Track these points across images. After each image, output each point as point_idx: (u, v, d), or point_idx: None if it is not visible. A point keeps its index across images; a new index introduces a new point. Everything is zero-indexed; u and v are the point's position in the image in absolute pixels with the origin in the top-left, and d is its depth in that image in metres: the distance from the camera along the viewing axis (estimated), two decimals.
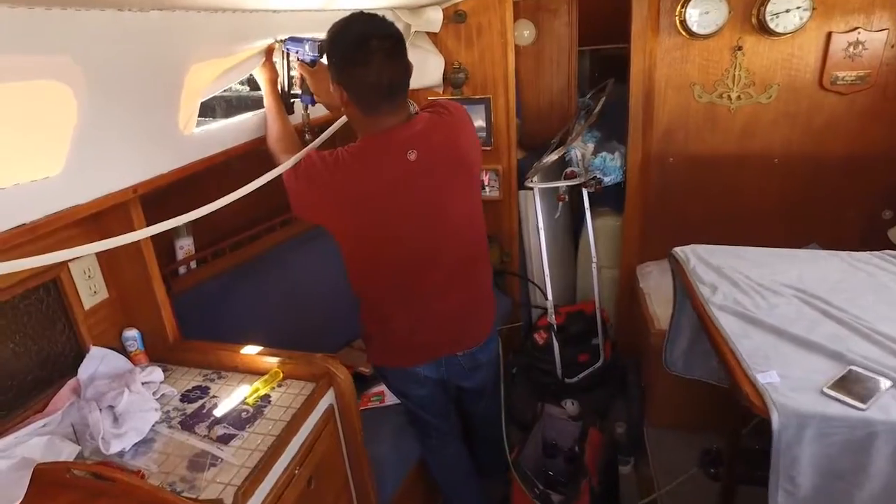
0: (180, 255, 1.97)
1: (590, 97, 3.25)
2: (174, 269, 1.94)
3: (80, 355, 1.46)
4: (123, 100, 1.28)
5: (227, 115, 1.57)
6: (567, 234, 3.45)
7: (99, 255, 1.50)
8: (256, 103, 1.96)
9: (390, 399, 2.15)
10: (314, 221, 1.62)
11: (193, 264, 2.02)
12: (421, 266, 1.59)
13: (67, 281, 1.41)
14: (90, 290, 1.48)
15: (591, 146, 2.80)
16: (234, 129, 1.68)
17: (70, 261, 1.41)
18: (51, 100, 1.13)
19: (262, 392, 1.43)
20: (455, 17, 2.58)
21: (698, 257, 1.94)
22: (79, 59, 1.14)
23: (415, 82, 2.63)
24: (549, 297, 2.82)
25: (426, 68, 2.59)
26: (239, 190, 1.42)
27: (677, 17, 2.41)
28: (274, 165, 1.61)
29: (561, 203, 2.71)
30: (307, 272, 2.34)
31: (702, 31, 2.35)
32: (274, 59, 1.74)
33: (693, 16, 2.33)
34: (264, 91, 1.74)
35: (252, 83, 2.30)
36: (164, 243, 1.97)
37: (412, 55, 1.64)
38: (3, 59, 0.99)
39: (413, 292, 1.64)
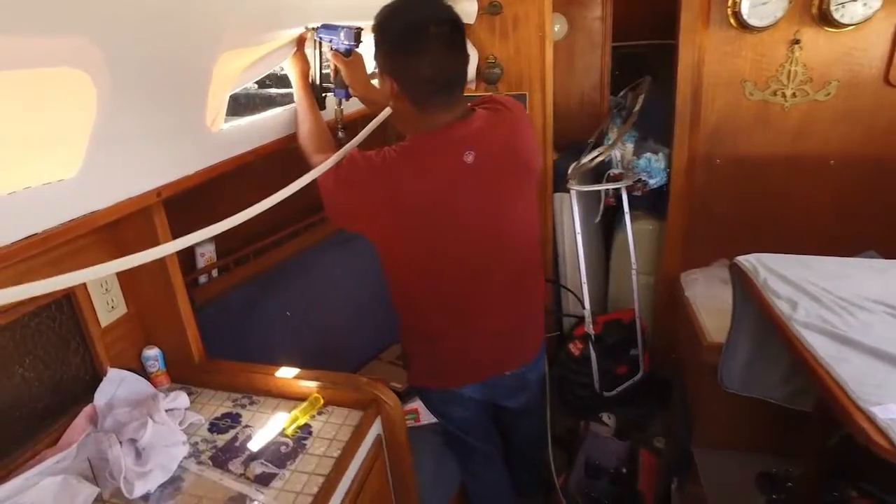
0: (201, 262, 1.81)
1: (622, 95, 3.10)
2: (195, 278, 1.79)
3: (96, 378, 1.30)
4: (147, 90, 1.12)
5: (235, 113, 1.41)
6: (598, 239, 3.29)
7: None
8: (265, 101, 1.81)
9: (426, 417, 1.99)
10: (353, 229, 1.44)
11: (215, 272, 1.86)
12: (474, 280, 1.44)
13: (83, 296, 1.26)
14: (107, 306, 1.32)
15: (630, 146, 2.64)
16: (264, 126, 1.53)
17: None
18: (66, 90, 0.97)
19: (302, 421, 1.27)
20: (489, 8, 2.42)
21: (768, 268, 1.77)
22: (98, 40, 0.98)
23: None
24: (587, 305, 2.67)
25: None
26: (276, 194, 1.26)
27: (730, 9, 2.25)
28: (305, 165, 1.46)
29: (602, 206, 2.55)
30: (333, 279, 2.18)
31: (757, 23, 2.18)
32: (305, 50, 1.58)
33: (747, 6, 2.16)
34: (295, 85, 1.59)
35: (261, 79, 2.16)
36: (183, 252, 1.81)
37: None
38: (9, 41, 0.83)
39: (464, 309, 1.48)
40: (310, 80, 1.59)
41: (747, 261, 1.82)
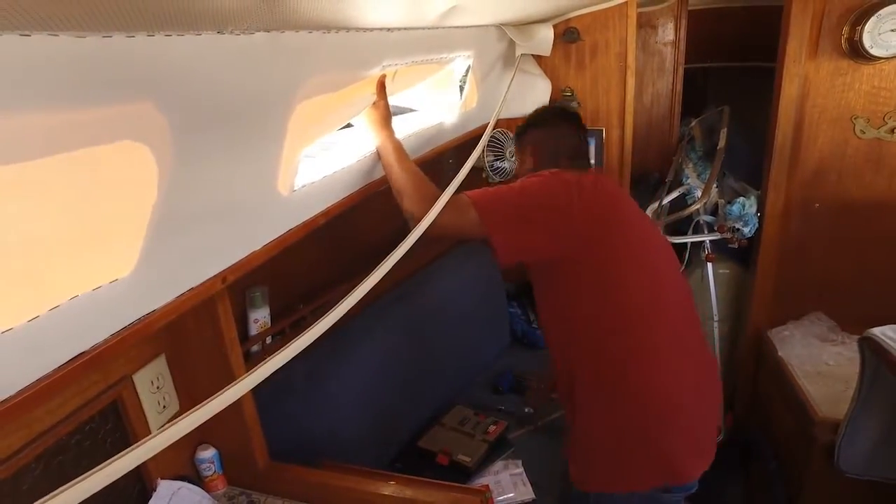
0: (254, 329, 1.60)
1: (691, 126, 2.86)
2: (247, 349, 1.57)
3: (144, 493, 1.08)
4: (213, 159, 0.91)
5: None
6: None
7: (170, 360, 1.12)
8: None
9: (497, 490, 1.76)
10: (546, 235, 1.27)
11: (268, 339, 1.64)
12: (677, 317, 1.35)
13: (131, 399, 1.04)
14: (158, 407, 1.10)
15: (714, 189, 2.38)
16: (338, 181, 1.31)
17: (134, 373, 1.04)
18: (122, 170, 0.76)
19: None
20: (566, 36, 2.20)
21: None
22: (164, 104, 0.77)
23: (517, 110, 2.27)
24: None
25: (531, 94, 2.21)
26: (392, 255, 1.06)
27: (844, 37, 1.99)
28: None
29: (688, 256, 2.30)
30: (392, 342, 1.95)
31: (880, 54, 1.92)
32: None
33: (871, 34, 1.90)
34: (378, 135, 1.37)
35: None
36: (234, 315, 1.60)
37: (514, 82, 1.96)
38: (65, 116, 0.62)
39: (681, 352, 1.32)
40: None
41: (887, 337, 1.56)
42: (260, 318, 1.60)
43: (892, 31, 1.87)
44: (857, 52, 1.97)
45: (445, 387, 2.21)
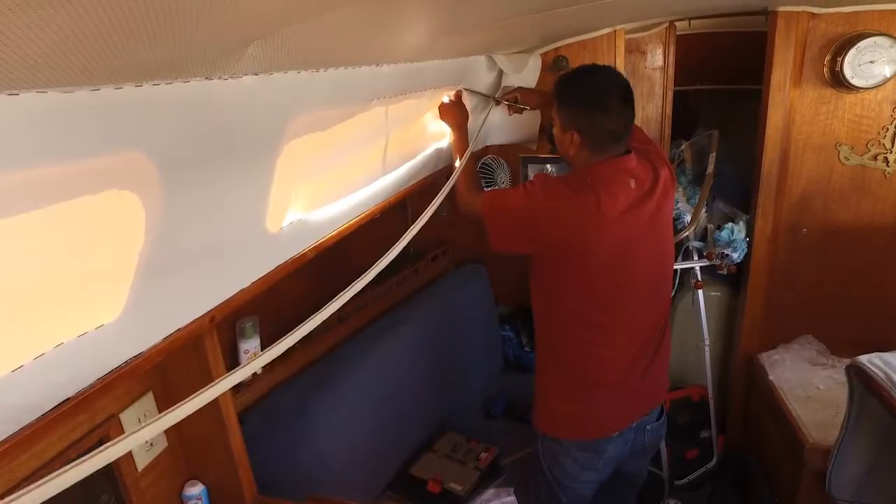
0: (244, 360, 1.60)
1: (681, 150, 2.89)
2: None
3: None
4: (201, 200, 0.92)
5: None
6: None
7: (158, 397, 1.12)
8: None
9: None
10: (534, 244, 1.51)
11: (259, 370, 1.64)
12: (639, 309, 1.55)
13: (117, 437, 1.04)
14: (146, 444, 1.10)
15: (703, 213, 2.41)
16: (331, 218, 1.32)
17: (121, 411, 1.04)
18: (109, 218, 0.77)
19: None
20: (554, 65, 2.23)
21: None
22: (153, 152, 0.79)
23: (505, 137, 2.30)
24: None
25: (518, 121, 2.23)
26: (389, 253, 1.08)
27: (825, 67, 2.03)
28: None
29: (677, 283, 2.31)
30: (384, 367, 1.95)
31: (862, 84, 1.96)
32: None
33: (852, 65, 1.94)
34: (456, 133, 1.79)
35: None
36: (224, 346, 1.60)
37: (502, 107, 2.08)
38: (54, 169, 0.64)
39: (631, 341, 1.56)
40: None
41: (873, 364, 1.57)
42: (251, 348, 1.60)
43: (871, 62, 1.91)
44: (839, 82, 2.01)
45: (438, 412, 2.21)
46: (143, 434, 0.71)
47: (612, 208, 1.43)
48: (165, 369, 1.10)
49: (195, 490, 1.18)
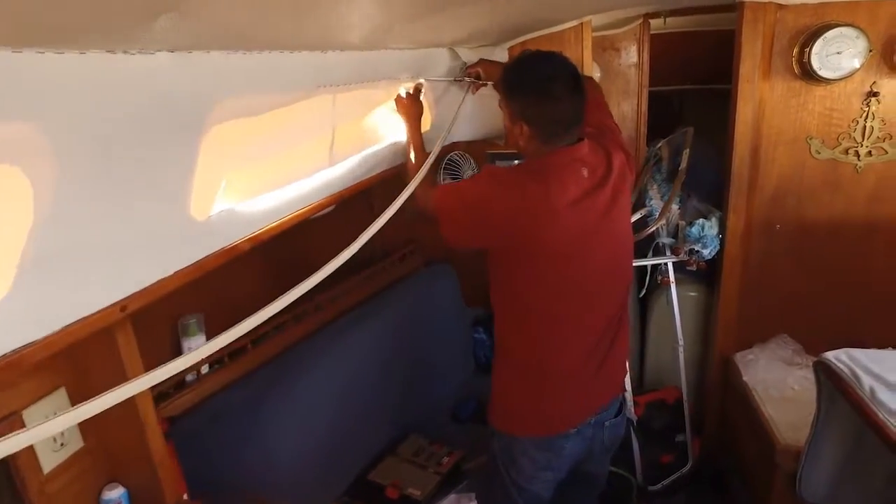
0: None
1: (658, 147, 2.85)
2: (182, 377, 1.51)
3: None
4: (110, 183, 0.87)
5: None
6: (633, 307, 2.99)
7: (72, 393, 1.06)
8: None
9: None
10: (487, 239, 1.48)
11: (205, 368, 1.59)
12: (593, 301, 1.50)
13: None
14: (54, 444, 1.04)
15: (675, 209, 2.36)
16: (269, 209, 1.27)
17: (24, 408, 0.98)
18: None
19: None
20: None
21: (867, 371, 1.46)
22: (48, 127, 0.74)
23: (473, 133, 2.25)
24: (628, 385, 2.35)
25: (486, 117, 2.18)
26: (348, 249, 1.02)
27: (794, 59, 1.99)
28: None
29: (648, 281, 2.26)
30: (343, 367, 1.89)
31: (830, 75, 1.92)
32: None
33: (819, 56, 1.90)
34: (410, 127, 1.71)
35: None
36: (166, 343, 1.54)
37: (469, 102, 1.99)
38: None
39: (585, 334, 1.51)
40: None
41: (839, 360, 1.51)
42: (194, 346, 1.53)
43: (839, 53, 1.88)
44: (807, 74, 1.97)
45: (403, 415, 2.15)
46: (33, 434, 0.66)
47: (561, 198, 1.38)
48: (79, 364, 1.04)
49: (114, 494, 1.11)
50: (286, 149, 1.32)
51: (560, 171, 1.41)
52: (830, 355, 1.55)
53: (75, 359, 1.03)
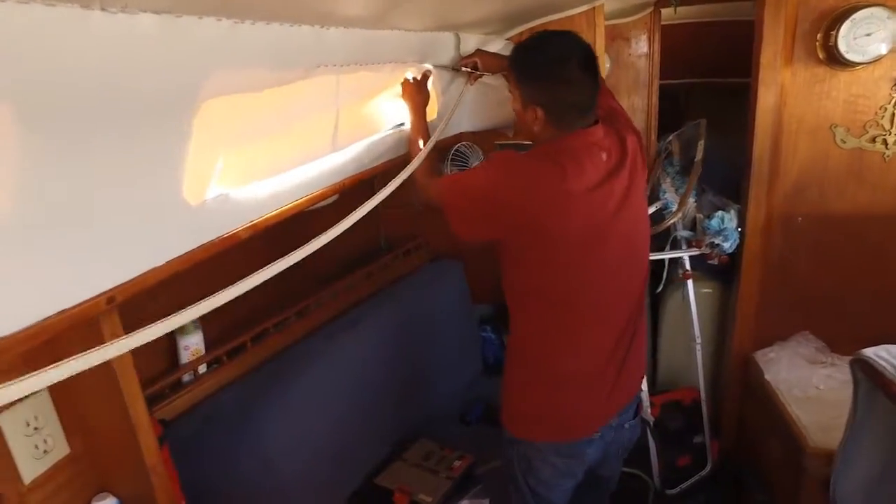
0: (185, 357, 1.45)
1: (668, 141, 2.77)
2: (177, 378, 1.42)
3: None
4: (88, 160, 0.77)
5: None
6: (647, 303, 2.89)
7: (53, 391, 0.97)
8: None
9: None
10: (497, 231, 1.37)
11: (203, 368, 1.49)
12: (614, 294, 1.41)
13: None
14: (36, 451, 0.94)
15: (692, 202, 2.28)
16: (269, 196, 1.18)
17: None
18: None
19: None
20: None
21: None
22: (10, 90, 0.65)
23: (480, 123, 2.16)
24: (644, 385, 2.26)
25: (495, 107, 2.10)
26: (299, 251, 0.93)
27: (818, 43, 1.90)
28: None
29: (666, 275, 2.17)
30: (347, 366, 1.80)
31: (857, 59, 1.83)
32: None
33: (846, 39, 1.81)
34: (415, 116, 1.62)
35: None
36: (161, 343, 1.45)
37: (475, 91, 1.92)
38: None
39: (607, 329, 1.42)
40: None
41: (881, 358, 1.42)
42: (191, 344, 1.46)
43: (868, 35, 1.79)
44: (833, 59, 1.88)
45: (410, 417, 2.05)
46: None
47: (578, 182, 1.30)
48: (60, 360, 0.95)
49: None
50: (287, 131, 1.23)
51: (578, 154, 1.32)
52: (869, 352, 1.45)
53: (57, 355, 0.94)
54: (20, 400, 0.91)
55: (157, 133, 0.88)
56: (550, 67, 1.31)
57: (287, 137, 1.24)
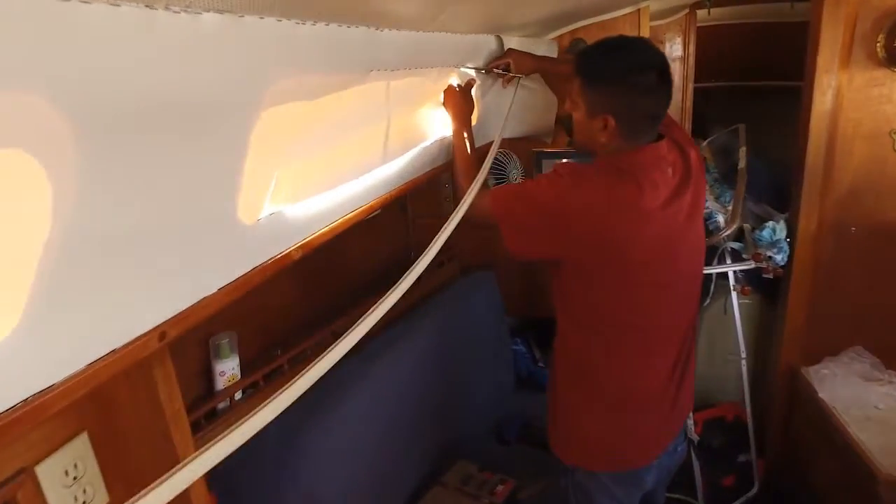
0: (220, 383, 1.35)
1: (703, 147, 2.68)
2: (212, 407, 1.32)
3: None
4: (140, 174, 0.67)
5: None
6: None
7: (93, 436, 0.87)
8: None
9: None
10: (560, 245, 1.29)
11: (238, 394, 1.39)
12: (676, 313, 1.34)
13: (29, 500, 0.77)
14: (74, 503, 0.84)
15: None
16: (321, 212, 1.08)
17: (37, 462, 0.78)
18: None
19: None
20: (571, 48, 2.01)
21: None
22: (63, 99, 0.54)
23: (517, 131, 2.06)
24: None
25: (535, 111, 2.00)
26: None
27: (879, 45, 1.81)
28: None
29: (713, 288, 2.07)
30: (382, 392, 1.69)
31: None
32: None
33: None
34: (461, 126, 1.53)
35: None
36: (196, 366, 1.35)
37: (517, 95, 1.77)
38: None
39: (668, 350, 1.34)
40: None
41: None
42: (227, 370, 1.35)
43: None
44: (895, 61, 1.78)
45: (445, 437, 1.95)
46: None
47: (653, 200, 1.24)
48: (106, 403, 0.85)
49: None
50: (341, 141, 1.14)
51: (650, 170, 1.25)
52: None
53: (100, 399, 0.84)
54: (58, 448, 0.81)
55: (214, 145, 0.78)
56: (630, 74, 1.22)
57: (340, 149, 1.14)
